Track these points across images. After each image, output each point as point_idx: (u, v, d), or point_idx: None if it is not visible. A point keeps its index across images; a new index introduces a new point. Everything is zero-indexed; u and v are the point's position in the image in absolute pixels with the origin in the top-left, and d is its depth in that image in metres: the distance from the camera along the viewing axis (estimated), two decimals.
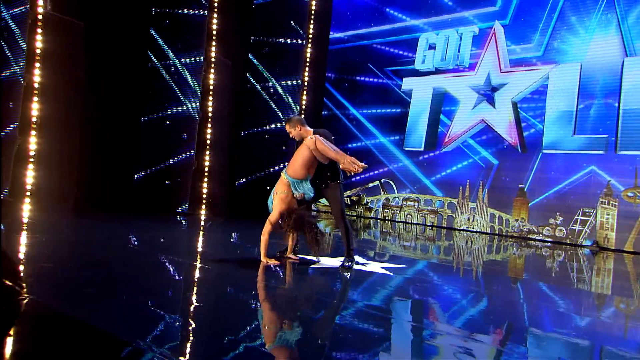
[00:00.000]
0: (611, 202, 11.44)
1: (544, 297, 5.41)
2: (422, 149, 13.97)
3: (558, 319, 4.34)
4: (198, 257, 5.85)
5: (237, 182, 11.61)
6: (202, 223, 9.22)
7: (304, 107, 11.82)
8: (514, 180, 12.64)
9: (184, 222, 8.96)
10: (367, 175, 14.81)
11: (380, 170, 14.64)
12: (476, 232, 13.02)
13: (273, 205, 5.18)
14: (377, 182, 14.58)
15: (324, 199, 5.65)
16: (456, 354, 2.94)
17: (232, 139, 11.41)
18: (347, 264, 5.30)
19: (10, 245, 4.70)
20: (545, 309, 4.76)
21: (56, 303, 3.14)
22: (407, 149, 14.21)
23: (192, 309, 3.55)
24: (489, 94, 13.15)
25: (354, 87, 15.29)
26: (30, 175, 7.44)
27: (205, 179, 10.03)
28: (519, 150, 12.63)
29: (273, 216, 5.18)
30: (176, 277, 4.64)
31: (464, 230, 13.18)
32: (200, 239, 7.38)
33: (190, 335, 2.89)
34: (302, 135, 5.50)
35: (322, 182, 5.41)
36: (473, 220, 13.11)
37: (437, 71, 13.96)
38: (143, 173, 9.86)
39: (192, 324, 3.10)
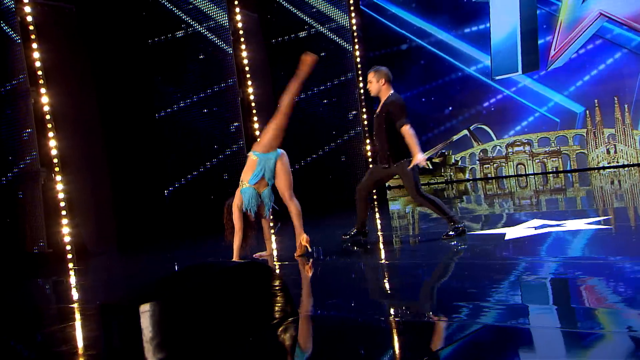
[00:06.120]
0: None
1: None
2: (519, 72, 10.41)
3: None
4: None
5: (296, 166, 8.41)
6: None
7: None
8: None
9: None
10: (447, 124, 11.28)
11: (466, 114, 11.09)
12: (623, 166, 9.57)
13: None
14: (465, 131, 11.04)
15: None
16: None
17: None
18: (451, 232, 4.60)
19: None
20: None
21: None
22: (497, 78, 10.64)
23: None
24: None
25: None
26: (65, 224, 5.94)
27: None
28: None
29: None
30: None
31: (604, 168, 9.71)
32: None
33: None
34: (380, 92, 4.66)
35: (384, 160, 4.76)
36: (615, 152, 9.63)
37: None
38: (177, 184, 7.51)
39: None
